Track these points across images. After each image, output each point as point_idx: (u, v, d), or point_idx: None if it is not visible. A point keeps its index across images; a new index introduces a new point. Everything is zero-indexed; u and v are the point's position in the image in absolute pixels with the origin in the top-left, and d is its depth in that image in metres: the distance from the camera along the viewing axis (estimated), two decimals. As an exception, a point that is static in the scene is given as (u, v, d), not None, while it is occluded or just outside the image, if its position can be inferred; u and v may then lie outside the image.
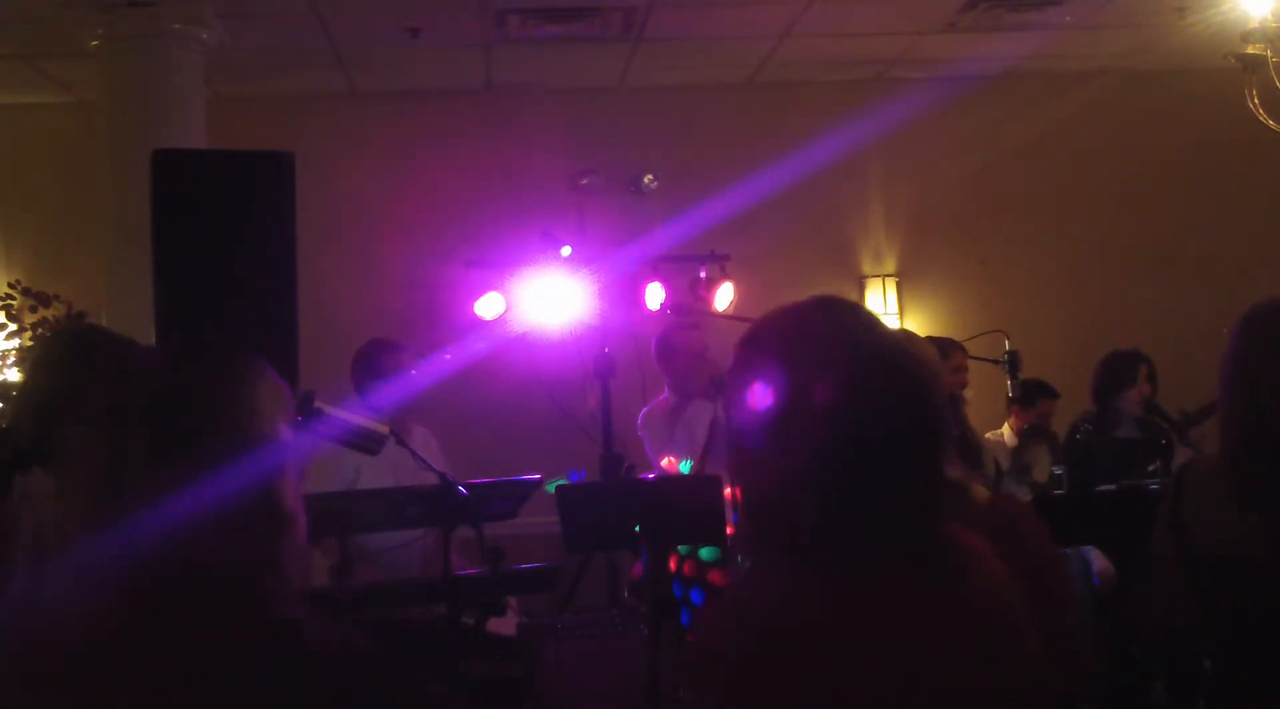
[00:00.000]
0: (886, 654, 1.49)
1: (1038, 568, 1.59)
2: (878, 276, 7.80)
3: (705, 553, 4.86)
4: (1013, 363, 5.47)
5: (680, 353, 5.51)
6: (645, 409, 5.60)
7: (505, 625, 4.23)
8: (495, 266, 6.67)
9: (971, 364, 5.30)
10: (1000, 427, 6.59)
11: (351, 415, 3.66)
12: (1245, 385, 2.63)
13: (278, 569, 1.50)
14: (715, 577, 4.80)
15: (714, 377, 5.16)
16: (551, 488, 4.40)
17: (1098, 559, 5.38)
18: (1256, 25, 4.56)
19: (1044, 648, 1.59)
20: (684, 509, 4.39)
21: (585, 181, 7.58)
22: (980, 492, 2.21)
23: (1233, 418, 2.66)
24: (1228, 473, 2.63)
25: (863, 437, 1.53)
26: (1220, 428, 2.71)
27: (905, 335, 1.69)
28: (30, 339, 6.79)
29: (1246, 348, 2.65)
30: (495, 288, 6.60)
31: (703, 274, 6.90)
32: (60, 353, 2.75)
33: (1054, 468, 5.53)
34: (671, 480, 5.12)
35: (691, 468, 5.13)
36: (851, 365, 1.55)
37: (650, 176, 7.58)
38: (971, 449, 5.15)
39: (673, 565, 4.81)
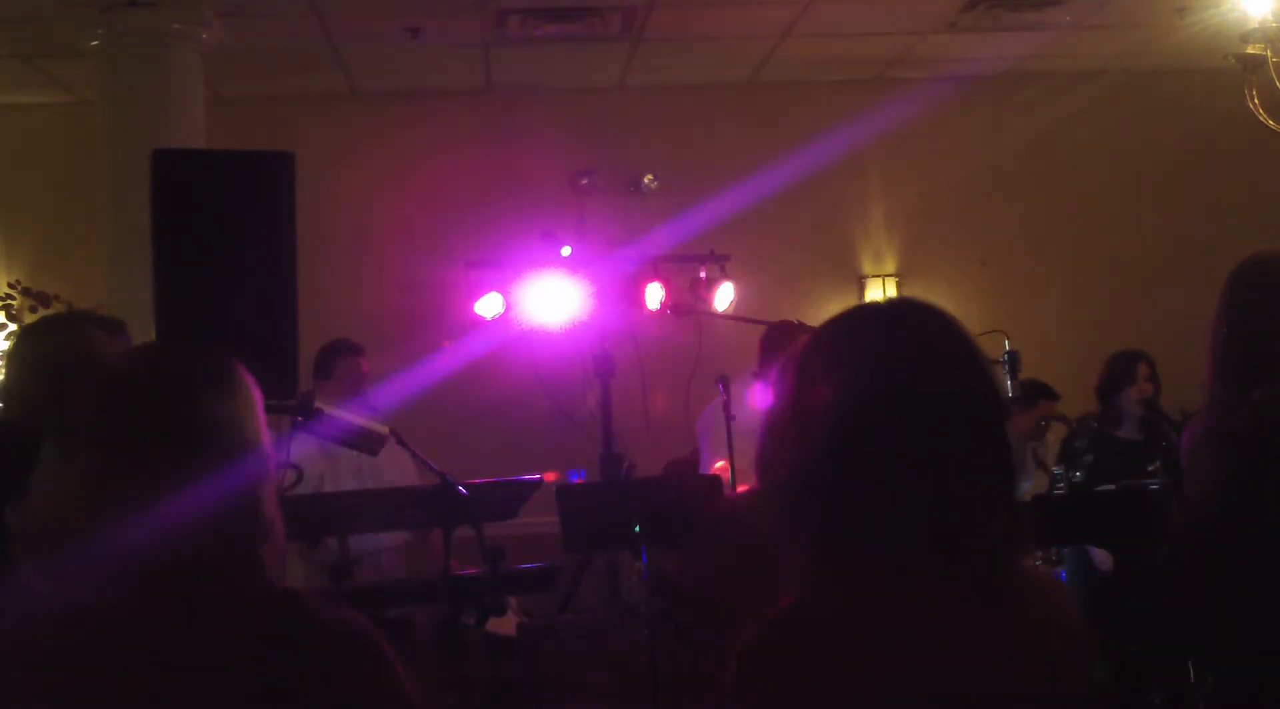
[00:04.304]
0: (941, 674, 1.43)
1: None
2: (878, 276, 7.79)
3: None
4: (1013, 363, 5.45)
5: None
6: (710, 405, 5.54)
7: (505, 625, 4.23)
8: (495, 267, 6.67)
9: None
10: (1000, 427, 6.58)
11: (351, 416, 3.66)
12: (1240, 318, 2.70)
13: (260, 570, 1.57)
14: None
15: (721, 377, 5.14)
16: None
17: (1097, 554, 5.37)
18: (1256, 25, 4.55)
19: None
20: (684, 509, 4.39)
21: (585, 181, 7.57)
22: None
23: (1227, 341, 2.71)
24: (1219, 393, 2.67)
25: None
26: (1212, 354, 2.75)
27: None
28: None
29: (1239, 283, 2.72)
30: (496, 288, 6.59)
31: (703, 274, 6.90)
32: (45, 354, 2.76)
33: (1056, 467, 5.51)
34: (671, 480, 5.12)
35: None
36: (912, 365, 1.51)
37: (650, 176, 7.57)
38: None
39: None
